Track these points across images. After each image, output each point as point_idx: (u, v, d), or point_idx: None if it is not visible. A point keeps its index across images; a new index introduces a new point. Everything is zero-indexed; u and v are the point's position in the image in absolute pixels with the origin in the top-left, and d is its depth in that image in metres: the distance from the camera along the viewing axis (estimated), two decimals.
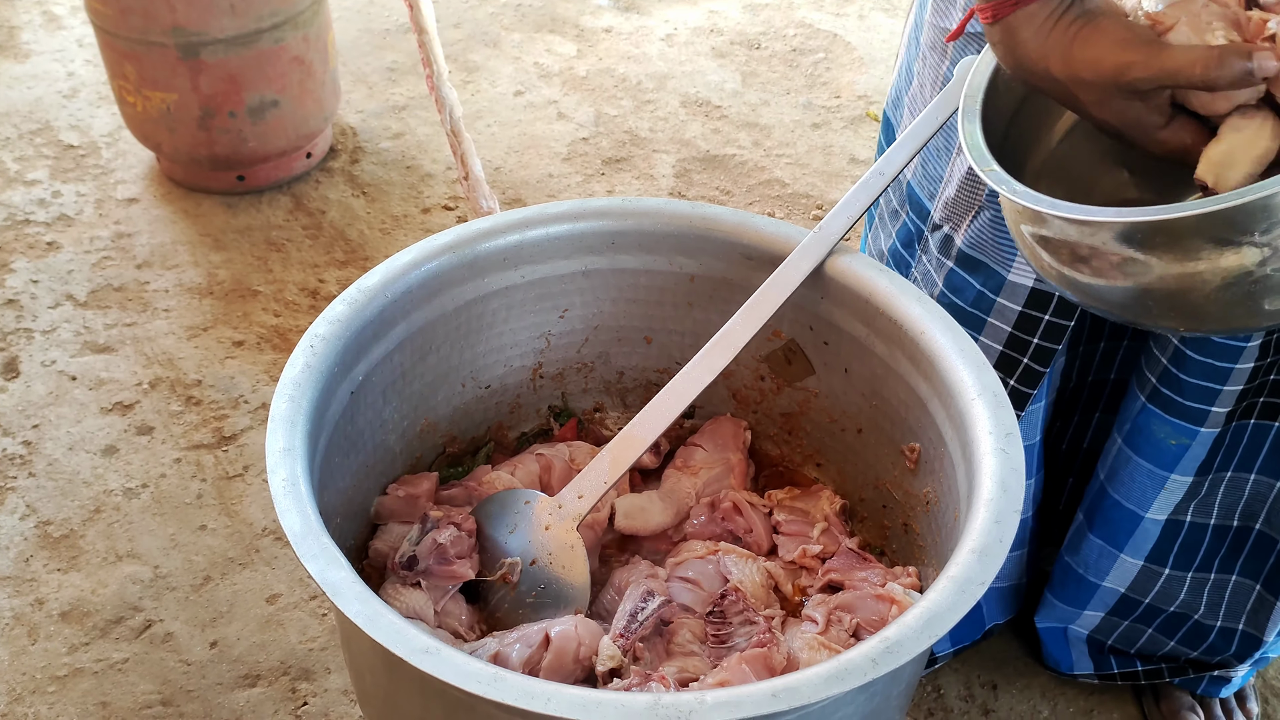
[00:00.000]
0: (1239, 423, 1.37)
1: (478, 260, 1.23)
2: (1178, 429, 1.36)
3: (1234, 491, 1.43)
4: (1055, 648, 1.62)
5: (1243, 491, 1.43)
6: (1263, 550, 1.46)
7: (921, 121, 1.19)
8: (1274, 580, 1.47)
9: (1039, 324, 1.33)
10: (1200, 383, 1.32)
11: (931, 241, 1.39)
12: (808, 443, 1.35)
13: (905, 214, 1.45)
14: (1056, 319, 1.32)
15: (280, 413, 1.02)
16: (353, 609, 0.87)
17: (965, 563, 0.91)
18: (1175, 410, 1.35)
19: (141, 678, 1.63)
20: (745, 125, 2.77)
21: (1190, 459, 1.39)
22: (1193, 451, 1.38)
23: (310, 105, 2.47)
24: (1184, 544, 1.47)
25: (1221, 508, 1.44)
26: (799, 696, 0.83)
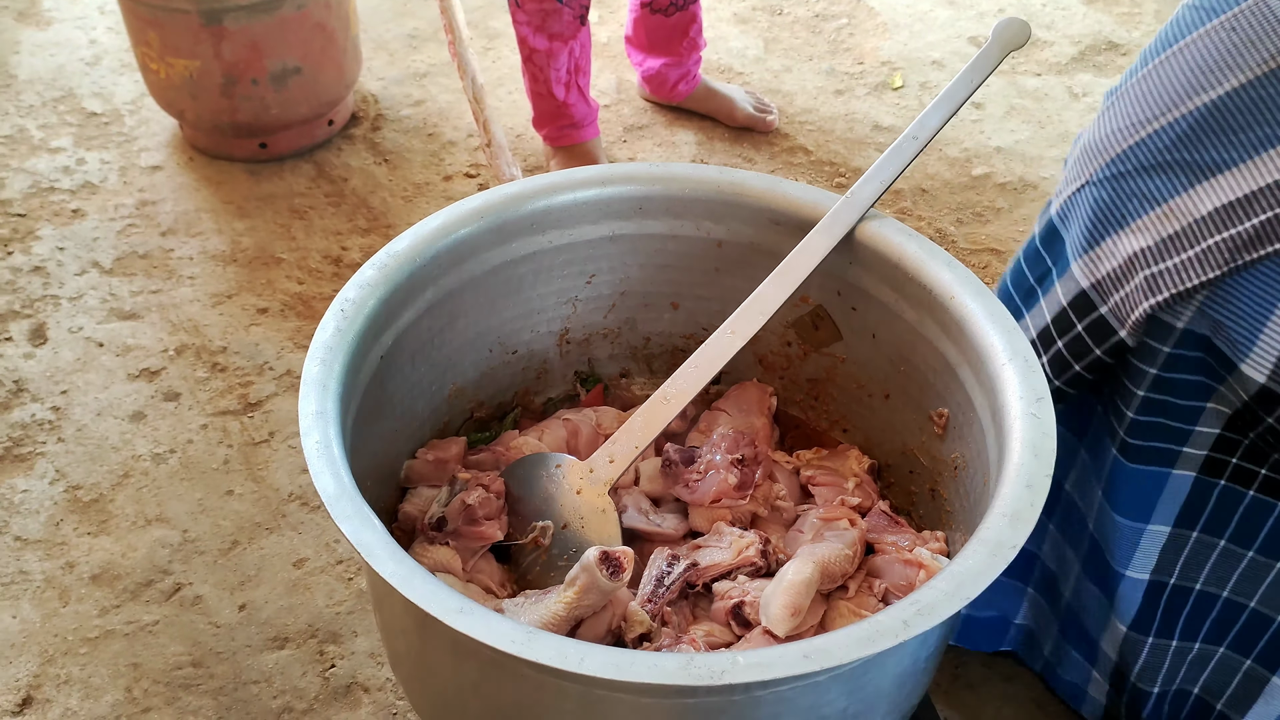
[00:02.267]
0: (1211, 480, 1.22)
1: (505, 225, 1.23)
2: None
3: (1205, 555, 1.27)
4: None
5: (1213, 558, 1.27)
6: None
7: (956, 84, 1.19)
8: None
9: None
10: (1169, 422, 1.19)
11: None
12: (834, 408, 1.35)
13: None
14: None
15: (312, 376, 1.02)
16: (387, 569, 0.88)
17: (997, 526, 0.91)
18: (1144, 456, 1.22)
19: (172, 640, 1.65)
20: (767, 92, 2.75)
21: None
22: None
23: (332, 72, 2.46)
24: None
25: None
26: (830, 658, 0.83)
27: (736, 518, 1.22)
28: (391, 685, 1.59)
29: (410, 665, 1.09)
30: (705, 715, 0.90)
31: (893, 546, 1.17)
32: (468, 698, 0.99)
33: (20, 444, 1.90)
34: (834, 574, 1.12)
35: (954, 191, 2.47)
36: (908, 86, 2.78)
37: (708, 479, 1.22)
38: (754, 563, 1.14)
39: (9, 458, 1.88)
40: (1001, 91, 2.76)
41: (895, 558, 1.15)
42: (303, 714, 1.56)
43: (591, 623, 1.06)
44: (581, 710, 0.93)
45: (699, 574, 1.15)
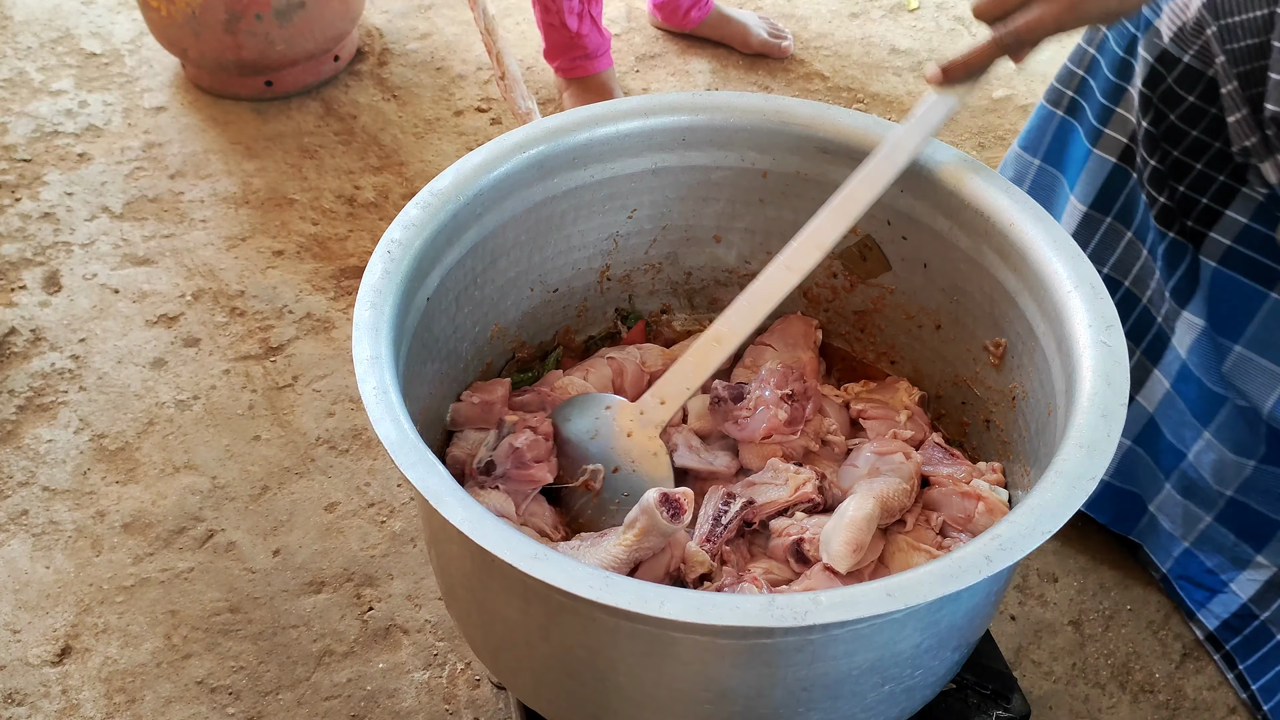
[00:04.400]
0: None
1: (547, 160, 1.20)
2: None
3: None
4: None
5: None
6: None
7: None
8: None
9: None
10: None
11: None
12: (881, 340, 1.33)
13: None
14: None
15: (364, 320, 1.00)
16: (457, 515, 0.86)
17: (1074, 458, 0.90)
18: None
19: (208, 586, 1.64)
20: (781, 17, 2.70)
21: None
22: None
23: (336, 5, 2.40)
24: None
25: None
26: (914, 595, 0.82)
27: (787, 453, 1.21)
28: (430, 627, 1.59)
29: (470, 608, 1.08)
30: (779, 654, 0.89)
31: (949, 479, 1.16)
32: (534, 640, 0.98)
33: (42, 394, 1.88)
34: (893, 509, 1.11)
35: (975, 115, 2.43)
36: (924, 8, 2.72)
37: (757, 415, 1.20)
38: (811, 499, 1.13)
39: (31, 408, 1.86)
40: None
41: (952, 490, 1.14)
42: (343, 657, 1.56)
43: (650, 564, 1.05)
44: (651, 651, 0.92)
45: (756, 511, 1.13)
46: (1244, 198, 1.27)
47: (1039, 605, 1.61)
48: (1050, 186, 1.48)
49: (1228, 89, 1.17)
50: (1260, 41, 1.13)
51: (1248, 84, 1.15)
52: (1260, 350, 1.30)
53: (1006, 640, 1.56)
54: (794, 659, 0.89)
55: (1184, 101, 1.24)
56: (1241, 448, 1.37)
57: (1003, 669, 1.27)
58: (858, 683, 0.94)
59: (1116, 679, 1.54)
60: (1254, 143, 1.17)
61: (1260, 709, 1.43)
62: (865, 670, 0.92)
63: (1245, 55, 1.15)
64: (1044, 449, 1.04)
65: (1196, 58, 1.21)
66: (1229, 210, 1.28)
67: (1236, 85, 1.16)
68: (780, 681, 0.91)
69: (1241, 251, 1.28)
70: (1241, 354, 1.31)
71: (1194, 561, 1.51)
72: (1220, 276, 1.31)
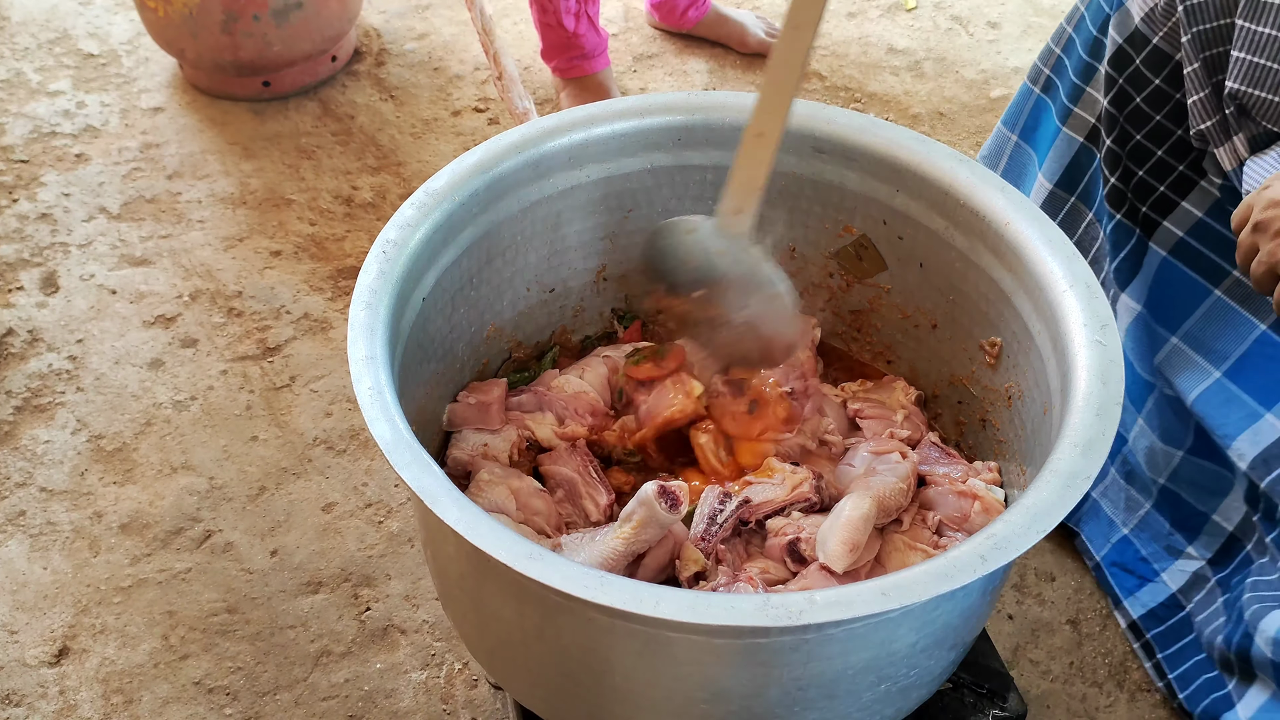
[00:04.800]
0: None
1: (543, 160, 1.20)
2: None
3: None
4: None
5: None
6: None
7: None
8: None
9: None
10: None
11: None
12: (877, 339, 1.33)
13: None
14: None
15: (359, 320, 1.00)
16: (452, 516, 0.86)
17: (1069, 457, 0.90)
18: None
19: (205, 587, 1.64)
20: (779, 17, 2.70)
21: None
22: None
23: (334, 6, 2.40)
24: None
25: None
26: (909, 594, 0.82)
27: (784, 452, 1.21)
28: (428, 627, 1.59)
29: (466, 608, 1.08)
30: (775, 654, 0.89)
31: (945, 478, 1.16)
32: (530, 640, 0.98)
33: (39, 394, 1.88)
34: (889, 508, 1.11)
35: (972, 114, 2.43)
36: (921, 7, 2.72)
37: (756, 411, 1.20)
38: (808, 498, 1.13)
39: (29, 408, 1.86)
40: (1018, 10, 2.70)
41: (948, 489, 1.14)
42: (341, 657, 1.56)
43: (655, 553, 1.06)
44: (647, 651, 0.92)
45: (752, 511, 1.13)
46: (1201, 191, 1.28)
47: (1036, 604, 1.61)
48: (1024, 164, 1.50)
49: (1190, 69, 1.18)
50: (1224, 23, 1.15)
51: (1212, 69, 1.17)
52: (1194, 345, 1.31)
53: (1004, 639, 1.56)
54: (789, 658, 0.89)
55: (1150, 84, 1.26)
56: (1169, 437, 1.38)
57: (999, 668, 1.27)
58: (854, 682, 0.94)
59: (1114, 678, 1.54)
60: (1211, 125, 1.19)
61: (1175, 697, 1.43)
62: (861, 669, 0.93)
63: (1210, 38, 1.16)
64: (1039, 448, 1.05)
65: (1165, 39, 1.23)
66: (1185, 202, 1.29)
67: (1199, 66, 1.17)
68: (776, 681, 0.91)
69: (1192, 245, 1.29)
70: (1176, 346, 1.32)
71: (1130, 549, 1.51)
72: (1167, 267, 1.32)
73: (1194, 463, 1.38)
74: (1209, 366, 1.30)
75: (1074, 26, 1.39)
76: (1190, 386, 1.31)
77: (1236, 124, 1.16)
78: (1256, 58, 1.12)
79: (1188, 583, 1.44)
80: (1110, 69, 1.29)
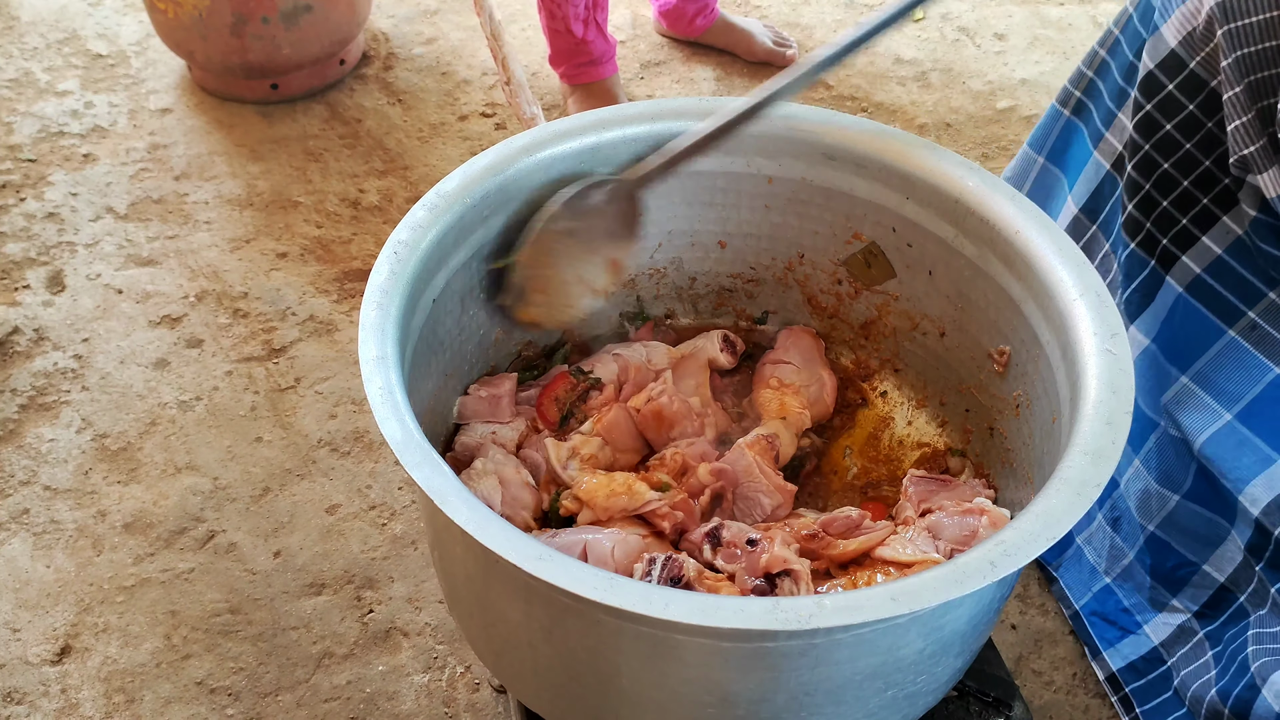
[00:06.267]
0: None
1: (554, 163, 1.20)
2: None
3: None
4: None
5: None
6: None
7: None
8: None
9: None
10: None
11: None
12: (885, 347, 1.34)
13: None
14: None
15: (370, 320, 1.00)
16: (462, 516, 0.86)
17: (1079, 465, 0.90)
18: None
19: (208, 587, 1.64)
20: (785, 25, 2.70)
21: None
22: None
23: (343, 9, 2.41)
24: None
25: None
26: (918, 600, 0.82)
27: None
28: (431, 630, 1.59)
29: (470, 605, 1.08)
30: (784, 658, 0.89)
31: (949, 502, 1.15)
32: (537, 641, 0.98)
33: (44, 393, 1.88)
34: None
35: (978, 125, 2.44)
36: (929, 18, 2.73)
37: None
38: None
39: (34, 407, 1.86)
40: (1025, 22, 2.71)
41: (953, 510, 1.13)
42: (343, 659, 1.56)
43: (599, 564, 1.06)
44: (654, 654, 0.92)
45: (679, 565, 1.10)
46: (1223, 227, 1.25)
47: (1040, 614, 1.61)
48: (1051, 186, 1.48)
49: (1230, 94, 1.16)
50: (1271, 45, 1.12)
51: (1258, 93, 1.14)
52: (1205, 385, 1.28)
53: (1007, 649, 1.56)
54: (797, 663, 0.89)
55: (1183, 109, 1.23)
56: (1167, 479, 1.34)
57: (1005, 676, 1.27)
58: (860, 688, 0.94)
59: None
60: (1255, 150, 1.16)
61: None
62: (868, 675, 0.92)
63: (1256, 61, 1.14)
64: (1048, 456, 1.05)
65: (1203, 64, 1.20)
66: (1205, 237, 1.26)
67: (1241, 91, 1.15)
68: (783, 686, 0.91)
69: (1209, 283, 1.27)
70: (1186, 385, 1.29)
71: (1111, 599, 1.47)
72: (1182, 303, 1.29)
73: (1189, 508, 1.34)
74: (1220, 408, 1.27)
75: (1108, 50, 1.36)
76: (1199, 428, 1.28)
77: None
78: None
79: (1171, 635, 1.39)
80: (1139, 94, 1.26)
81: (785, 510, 1.20)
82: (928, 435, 1.30)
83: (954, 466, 1.26)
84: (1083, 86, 1.41)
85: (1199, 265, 1.27)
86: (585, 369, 1.29)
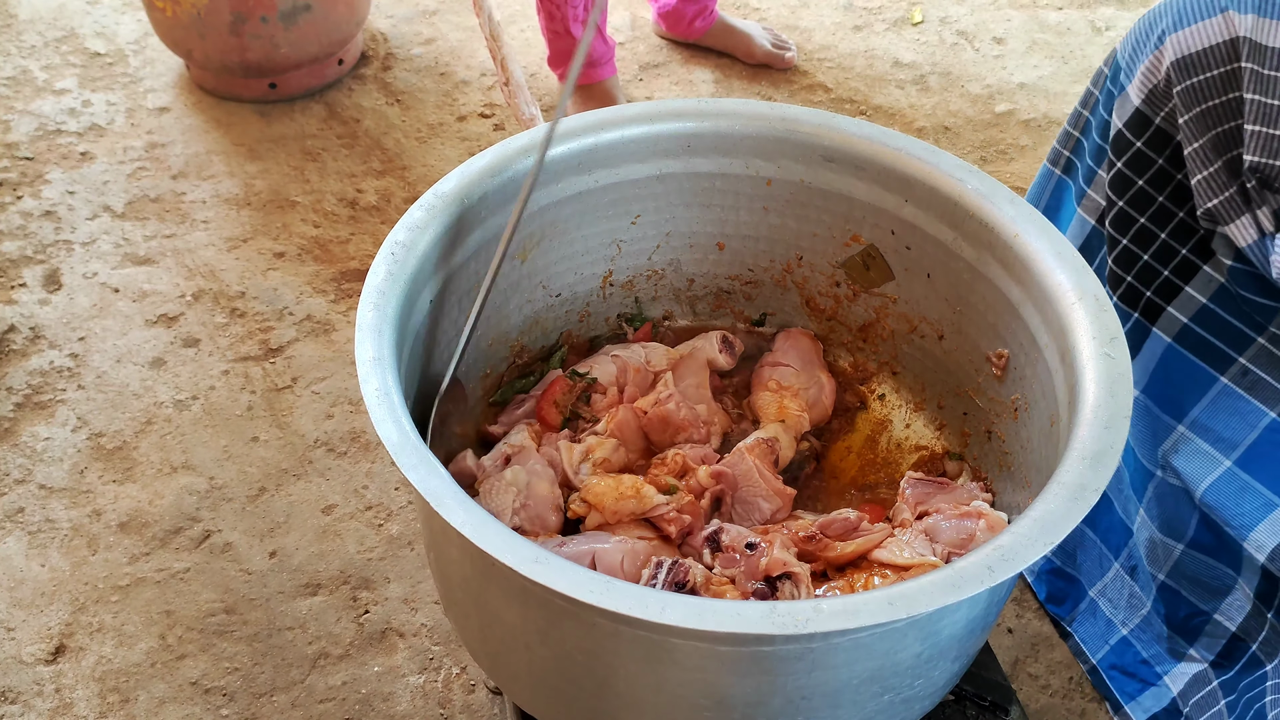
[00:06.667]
0: None
1: (551, 164, 1.20)
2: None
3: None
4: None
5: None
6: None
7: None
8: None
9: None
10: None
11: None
12: (883, 350, 1.33)
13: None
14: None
15: (367, 321, 1.00)
16: (458, 518, 0.86)
17: (1077, 469, 0.90)
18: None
19: (204, 587, 1.63)
20: (784, 28, 2.70)
21: None
22: None
23: (342, 9, 2.40)
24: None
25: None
26: (916, 604, 0.82)
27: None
28: (427, 631, 1.58)
29: (466, 608, 1.07)
30: (780, 662, 0.89)
31: (947, 505, 1.15)
32: (533, 644, 0.97)
33: (40, 391, 1.88)
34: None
35: (977, 129, 2.43)
36: (927, 22, 2.73)
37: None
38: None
39: (29, 405, 1.85)
40: (1023, 26, 2.71)
41: (950, 513, 1.13)
42: (338, 660, 1.55)
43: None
44: (651, 657, 0.91)
45: (685, 570, 1.10)
46: (1204, 276, 1.26)
47: (1036, 619, 1.61)
48: None
49: (1193, 148, 1.18)
50: (1230, 98, 1.14)
51: (1222, 146, 1.17)
52: (1202, 433, 1.28)
53: (1003, 654, 1.56)
54: (794, 667, 0.89)
55: (1153, 164, 1.25)
56: (1170, 528, 1.34)
57: (1001, 680, 1.27)
58: (857, 692, 0.93)
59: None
60: (1221, 201, 1.17)
61: None
62: (865, 679, 0.92)
63: (1218, 115, 1.16)
64: (1046, 460, 1.04)
65: (1167, 119, 1.22)
66: (1188, 287, 1.27)
67: (1205, 143, 1.17)
68: (780, 689, 0.91)
69: (1196, 331, 1.27)
70: (1183, 434, 1.30)
71: (1130, 651, 1.46)
72: (1172, 354, 1.29)
73: (1195, 557, 1.34)
74: (1219, 455, 1.26)
75: (1090, 109, 1.38)
76: (1200, 476, 1.28)
77: (1259, 197, 1.15)
78: (1272, 129, 1.12)
79: (1187, 685, 1.39)
80: (1112, 153, 1.28)
81: (784, 514, 1.20)
82: (925, 438, 1.30)
83: (951, 470, 1.26)
84: (1070, 146, 1.42)
85: (1185, 315, 1.28)
86: (581, 370, 1.28)
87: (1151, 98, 1.24)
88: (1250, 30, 1.13)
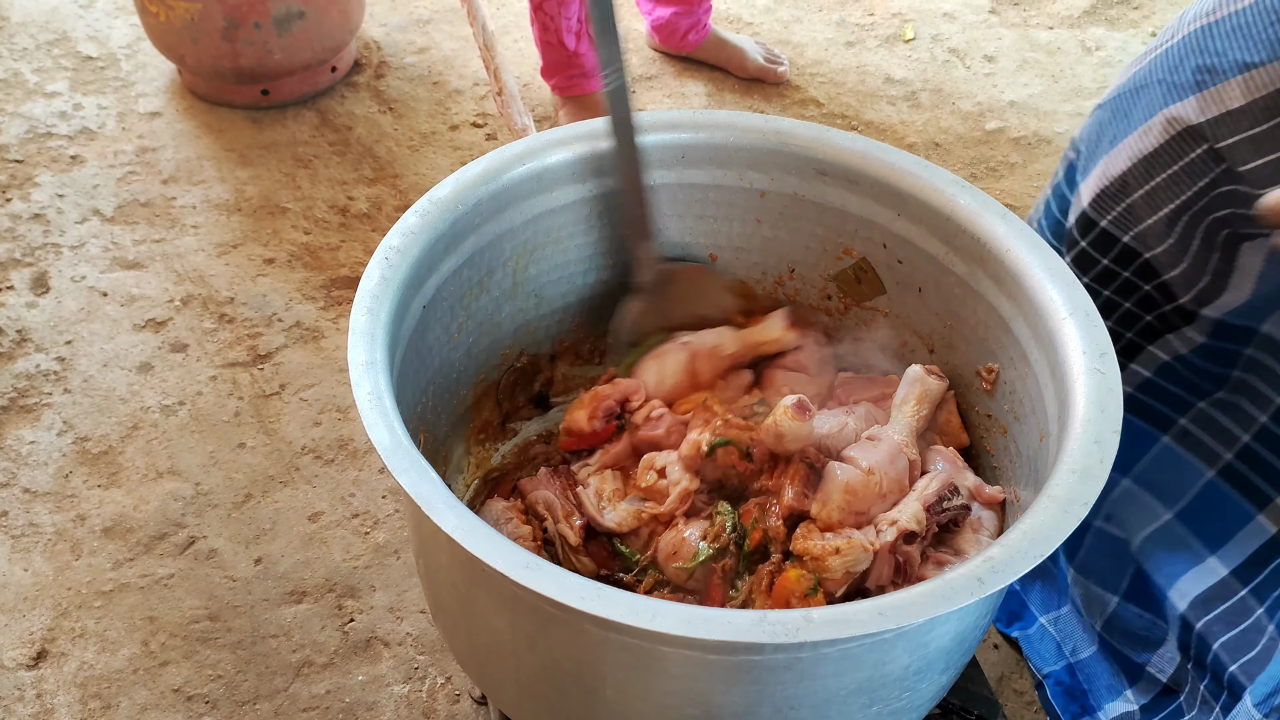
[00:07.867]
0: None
1: (546, 173, 1.20)
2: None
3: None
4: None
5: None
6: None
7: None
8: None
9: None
10: None
11: None
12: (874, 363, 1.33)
13: None
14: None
15: (360, 325, 1.00)
16: (449, 523, 0.86)
17: (1067, 483, 0.90)
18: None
19: (188, 593, 1.62)
20: (777, 43, 2.72)
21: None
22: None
23: (336, 16, 2.41)
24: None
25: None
26: (906, 615, 0.82)
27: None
28: (412, 640, 1.58)
29: (457, 618, 1.07)
30: (769, 671, 0.89)
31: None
32: (521, 651, 0.97)
33: (26, 395, 1.87)
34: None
35: (967, 146, 2.45)
36: (919, 39, 2.75)
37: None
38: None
39: (14, 409, 1.84)
40: (1014, 45, 2.73)
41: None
42: (323, 668, 1.55)
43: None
44: (640, 665, 0.91)
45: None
46: (1149, 355, 1.29)
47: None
48: None
49: (1164, 247, 1.20)
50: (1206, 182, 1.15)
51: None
52: (1145, 485, 1.32)
53: (989, 669, 1.56)
54: (783, 677, 0.89)
55: (1098, 264, 1.26)
56: (1105, 581, 1.37)
57: (988, 694, 1.27)
58: (845, 703, 0.93)
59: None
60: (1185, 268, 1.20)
61: None
62: (853, 690, 0.92)
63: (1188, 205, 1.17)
64: (1036, 474, 1.05)
65: (1114, 223, 1.23)
66: (1134, 364, 1.31)
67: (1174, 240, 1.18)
68: (768, 699, 0.91)
69: (1140, 398, 1.30)
70: (1129, 487, 1.33)
71: (1076, 679, 1.48)
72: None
73: (1129, 609, 1.37)
74: (1160, 507, 1.31)
75: (1044, 206, 1.39)
76: (1139, 526, 1.32)
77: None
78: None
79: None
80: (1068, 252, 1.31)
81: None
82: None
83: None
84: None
85: (1130, 386, 1.31)
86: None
87: (1099, 201, 1.24)
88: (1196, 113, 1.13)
